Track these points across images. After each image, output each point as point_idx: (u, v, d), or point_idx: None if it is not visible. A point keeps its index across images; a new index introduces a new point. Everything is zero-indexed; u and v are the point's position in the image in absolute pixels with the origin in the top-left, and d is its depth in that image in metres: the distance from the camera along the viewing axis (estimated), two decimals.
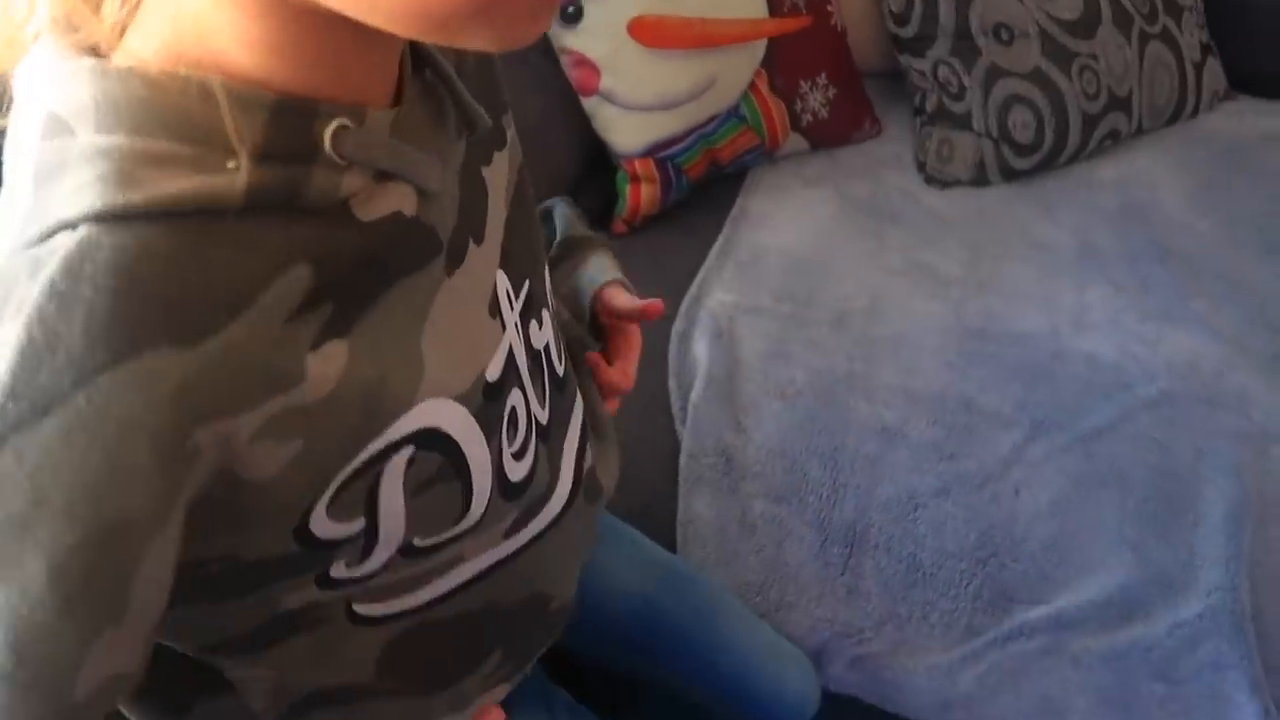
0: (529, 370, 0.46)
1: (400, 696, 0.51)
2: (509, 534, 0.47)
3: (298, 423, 0.32)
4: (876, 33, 1.27)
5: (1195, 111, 1.32)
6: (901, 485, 0.89)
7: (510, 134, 0.47)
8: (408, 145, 0.35)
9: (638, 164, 1.11)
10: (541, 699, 0.68)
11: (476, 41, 0.30)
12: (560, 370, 0.51)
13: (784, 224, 1.16)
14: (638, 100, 1.09)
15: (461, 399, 0.39)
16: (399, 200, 0.35)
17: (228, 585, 0.38)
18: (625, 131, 1.11)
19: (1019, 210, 1.20)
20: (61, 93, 0.30)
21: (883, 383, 0.97)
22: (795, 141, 1.22)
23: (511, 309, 0.44)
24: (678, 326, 1.02)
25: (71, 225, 0.29)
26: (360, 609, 0.44)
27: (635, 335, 0.65)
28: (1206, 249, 1.14)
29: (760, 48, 1.14)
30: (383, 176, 0.34)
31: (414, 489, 0.38)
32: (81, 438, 0.27)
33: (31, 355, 0.27)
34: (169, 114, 0.30)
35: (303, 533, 0.36)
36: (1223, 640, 0.80)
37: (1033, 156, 1.22)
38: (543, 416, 0.48)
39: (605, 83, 1.09)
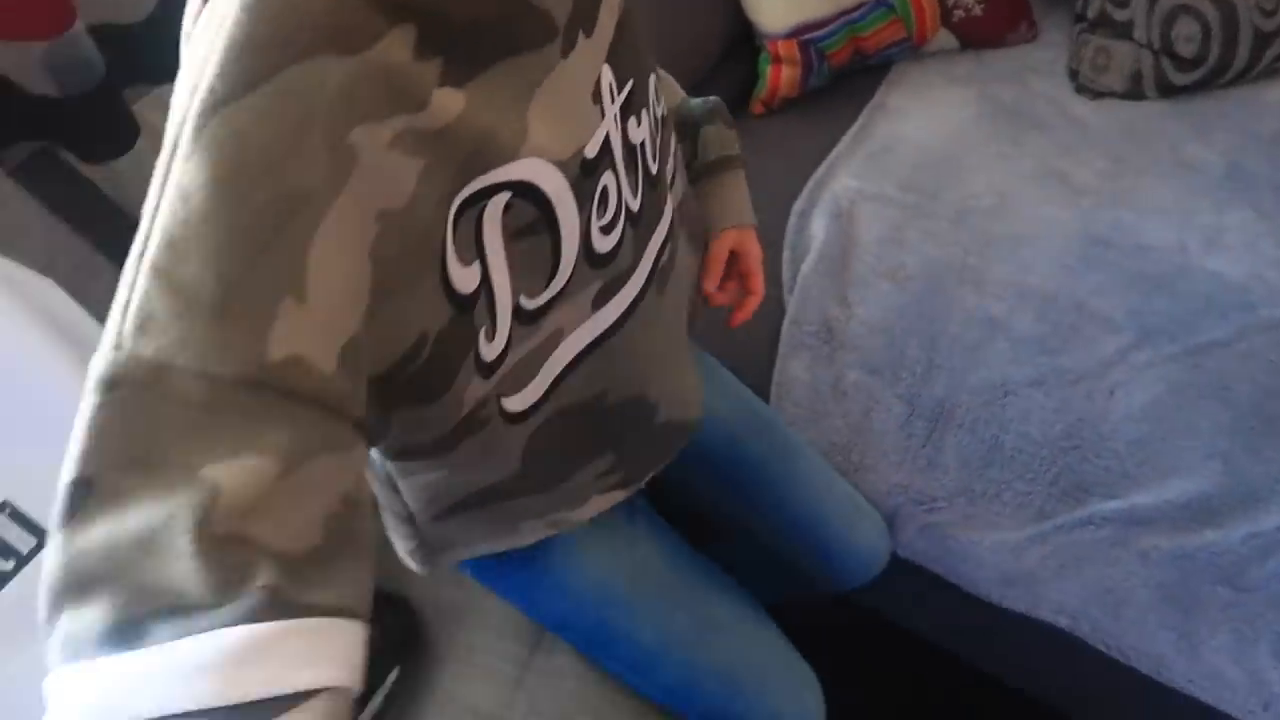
0: (624, 159, 0.52)
1: (529, 495, 0.60)
2: (595, 305, 0.54)
3: (420, 144, 0.39)
4: None
5: None
6: (996, 372, 0.92)
7: None
8: None
9: (781, 45, 1.14)
10: (625, 506, 0.75)
11: None
12: (654, 169, 0.57)
13: (921, 119, 1.17)
14: None
15: (560, 165, 0.46)
16: None
17: (430, 384, 0.45)
18: (771, 11, 1.13)
19: (1170, 127, 1.16)
20: None
21: (994, 277, 0.99)
22: (944, 38, 1.21)
23: (613, 101, 0.50)
24: (798, 205, 1.06)
25: None
26: (508, 404, 0.52)
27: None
28: None
29: None
30: None
31: (511, 234, 0.45)
32: (264, 120, 0.35)
33: (234, 49, 0.35)
34: None
35: (448, 287, 0.44)
36: None
37: (1194, 72, 1.17)
38: (634, 204, 0.54)
39: None
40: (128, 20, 0.92)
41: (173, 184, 0.34)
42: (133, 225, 0.38)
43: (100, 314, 0.68)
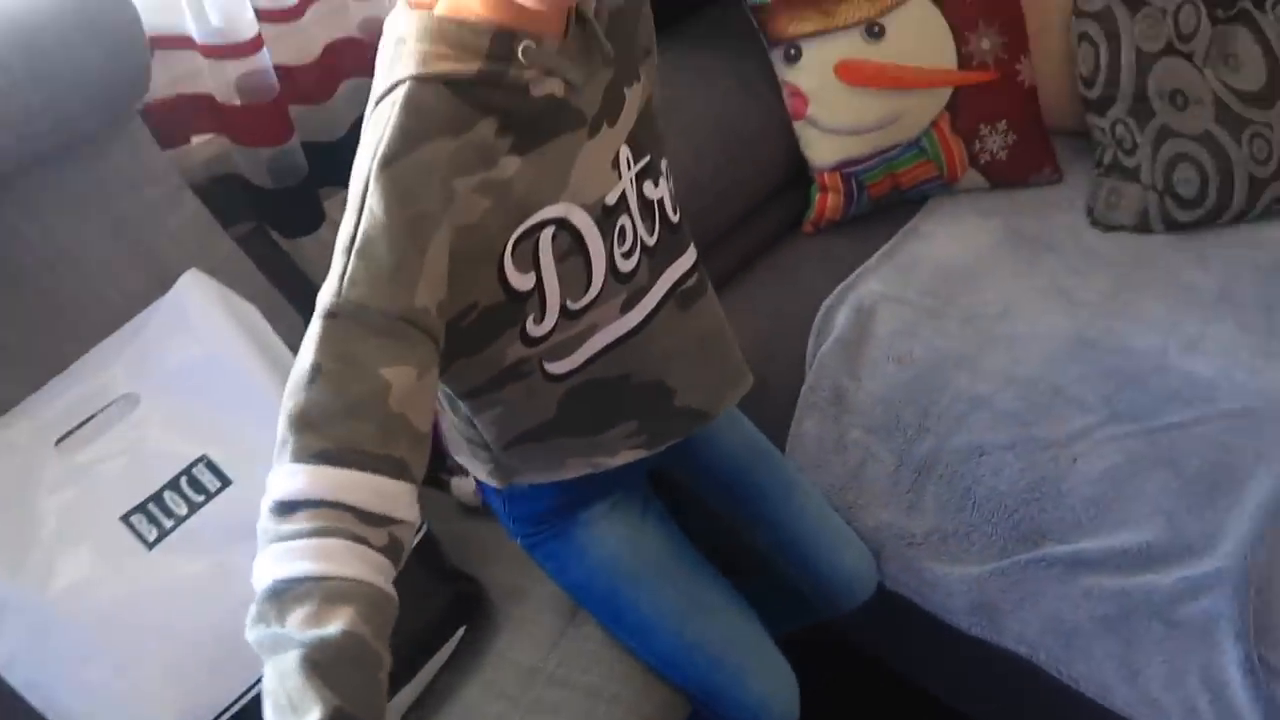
0: (639, 208, 0.77)
1: (571, 437, 0.84)
2: (623, 310, 0.78)
3: (490, 190, 0.65)
4: (1071, 93, 1.45)
5: None
6: (975, 437, 1.09)
7: (644, 77, 0.78)
8: (564, 59, 0.68)
9: (827, 176, 1.39)
10: (640, 501, 0.97)
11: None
12: (674, 218, 0.81)
13: (947, 241, 1.38)
14: (834, 125, 1.38)
15: (586, 209, 0.71)
16: (554, 87, 0.68)
17: (476, 337, 0.72)
18: (821, 149, 1.39)
19: (1173, 256, 1.33)
20: (405, 22, 0.66)
21: (987, 365, 1.17)
22: (973, 177, 1.43)
23: (630, 168, 0.75)
24: (828, 301, 1.28)
25: (403, 80, 0.64)
26: (549, 366, 0.77)
27: None
28: None
29: (945, 93, 1.38)
30: (548, 73, 0.67)
31: (558, 256, 0.71)
32: (412, 171, 0.62)
33: (395, 130, 0.62)
34: (450, 36, 0.65)
35: (503, 280, 0.70)
36: (1222, 597, 0.93)
37: (1195, 210, 1.34)
38: (649, 240, 0.78)
39: (812, 110, 1.38)
40: (328, 139, 1.26)
41: (367, 207, 0.62)
42: (307, 283, 0.71)
43: (282, 336, 0.98)
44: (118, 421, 0.94)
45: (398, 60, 0.66)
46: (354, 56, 1.25)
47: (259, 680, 0.57)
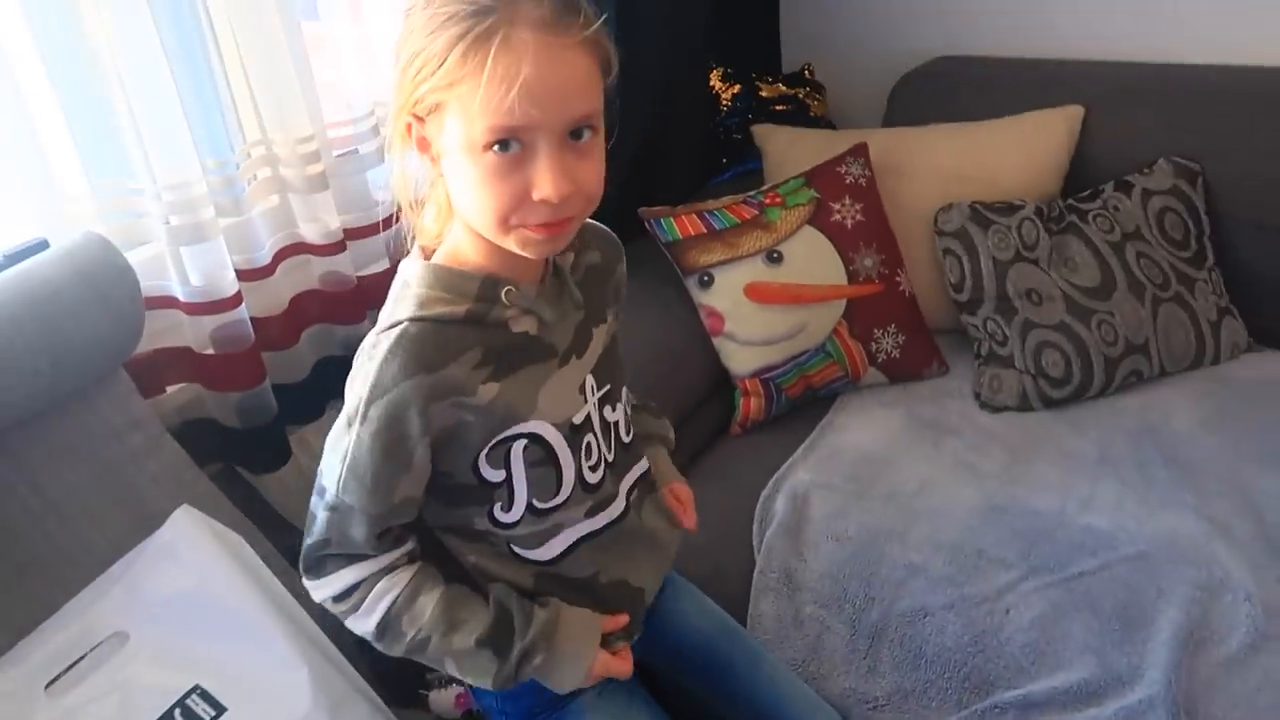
0: (600, 428, 0.89)
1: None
2: (589, 515, 0.88)
3: (469, 411, 0.78)
4: (945, 297, 1.68)
5: (1216, 360, 1.61)
6: (917, 600, 1.20)
7: (610, 319, 0.93)
8: (541, 301, 0.82)
9: (748, 383, 1.55)
10: (625, 689, 1.02)
11: (517, 248, 0.76)
12: (626, 439, 0.93)
13: (860, 431, 1.54)
14: (749, 338, 1.56)
15: (556, 426, 0.83)
16: (530, 325, 0.82)
17: (449, 497, 0.82)
18: (739, 360, 1.56)
19: (1054, 428, 1.51)
20: (408, 270, 0.80)
21: (915, 536, 1.29)
22: (874, 375, 1.62)
23: (594, 394, 0.88)
24: (765, 491, 1.41)
25: (399, 322, 0.77)
26: (519, 551, 0.86)
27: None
28: (1209, 458, 1.40)
29: (841, 305, 1.58)
30: (525, 312, 0.81)
31: (529, 463, 0.82)
32: (392, 407, 0.74)
33: (383, 367, 0.75)
34: (442, 281, 0.79)
35: (476, 469, 0.81)
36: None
37: (1065, 388, 1.55)
38: (610, 456, 0.90)
39: (728, 326, 1.56)
40: (292, 380, 1.36)
41: (355, 433, 0.75)
42: (276, 515, 0.88)
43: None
44: (107, 660, 0.96)
45: (401, 301, 0.80)
46: (316, 305, 1.38)
47: None
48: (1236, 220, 1.67)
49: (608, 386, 0.91)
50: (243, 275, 1.25)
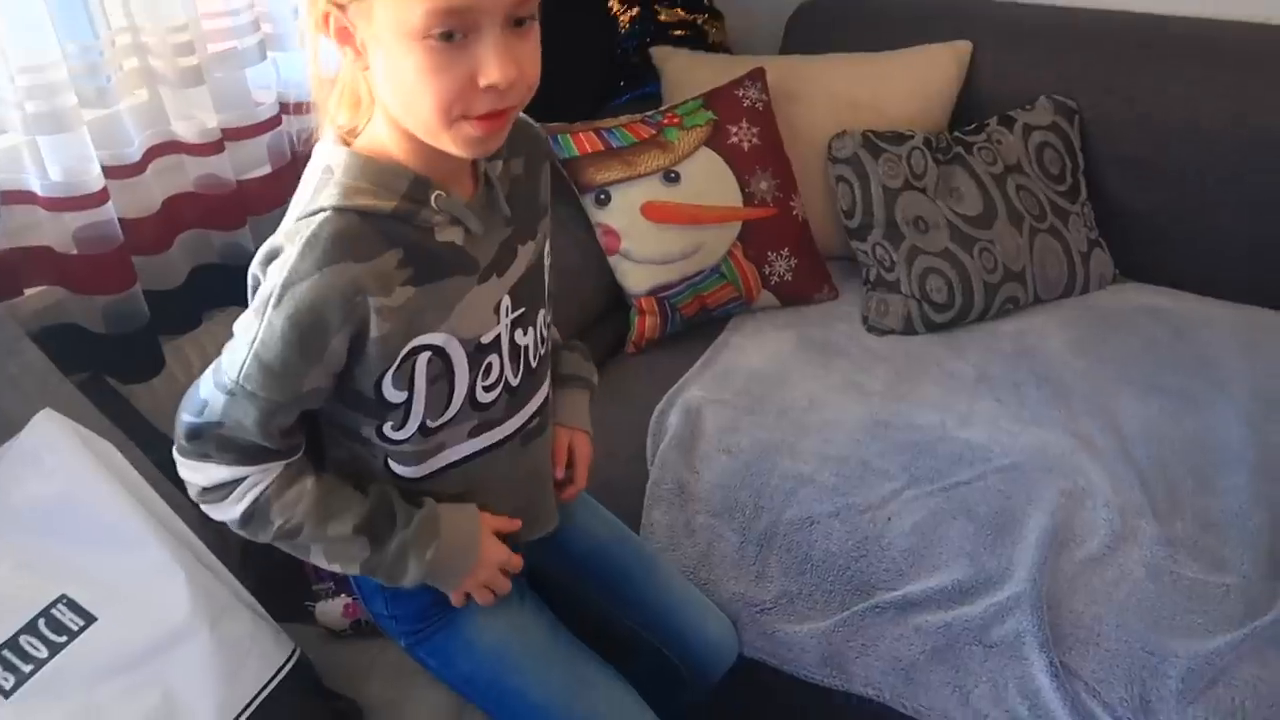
0: (509, 351, 0.86)
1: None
2: (471, 434, 0.87)
3: (388, 313, 0.74)
4: (836, 224, 1.71)
5: (1085, 289, 1.70)
6: (805, 510, 1.23)
7: (540, 234, 0.90)
8: (469, 211, 0.79)
9: (643, 301, 1.55)
10: (517, 589, 1.02)
11: (454, 147, 0.72)
12: (534, 364, 0.91)
13: (753, 352, 1.56)
14: (645, 257, 1.55)
15: (463, 342, 0.81)
16: (456, 235, 0.79)
17: (341, 397, 0.80)
18: (635, 278, 1.55)
19: (936, 351, 1.57)
20: (330, 156, 0.76)
21: (804, 449, 1.33)
22: (767, 298, 1.64)
23: (508, 315, 0.85)
24: (660, 406, 1.41)
25: (323, 209, 0.73)
26: (394, 466, 0.85)
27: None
28: (1077, 379, 1.47)
29: (736, 227, 1.59)
30: (453, 221, 0.78)
31: (429, 378, 0.80)
32: (312, 293, 0.70)
33: (297, 259, 0.71)
34: (369, 173, 0.75)
35: (378, 389, 0.78)
36: (1024, 616, 1.09)
37: (947, 313, 1.60)
38: (514, 381, 0.88)
39: (624, 245, 1.55)
40: (166, 287, 1.28)
41: (267, 318, 0.72)
42: (148, 425, 1.00)
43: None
44: None
45: (323, 188, 0.75)
46: (192, 209, 1.30)
47: None
48: (1109, 158, 1.75)
49: (523, 309, 0.87)
50: (109, 172, 1.16)
